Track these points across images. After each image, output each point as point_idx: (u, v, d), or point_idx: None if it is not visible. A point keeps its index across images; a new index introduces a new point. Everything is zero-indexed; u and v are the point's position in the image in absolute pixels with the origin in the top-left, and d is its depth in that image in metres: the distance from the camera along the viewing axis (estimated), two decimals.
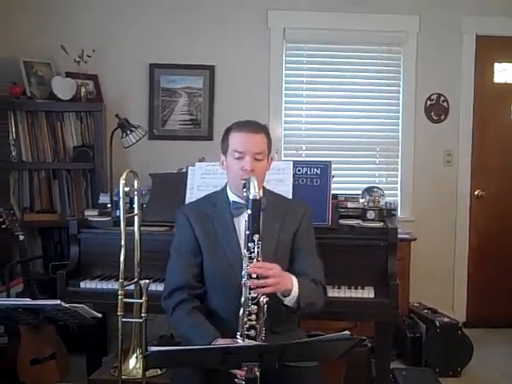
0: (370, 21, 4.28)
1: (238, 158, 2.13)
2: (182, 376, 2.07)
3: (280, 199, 2.33)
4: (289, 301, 2.05)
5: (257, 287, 1.94)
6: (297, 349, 1.81)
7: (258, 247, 1.96)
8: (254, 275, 1.95)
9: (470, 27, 4.36)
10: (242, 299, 1.96)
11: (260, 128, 2.20)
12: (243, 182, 2.08)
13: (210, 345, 1.95)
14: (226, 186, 2.29)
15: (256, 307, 1.95)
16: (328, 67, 4.40)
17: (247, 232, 1.98)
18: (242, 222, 2.17)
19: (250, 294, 1.95)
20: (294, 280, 2.07)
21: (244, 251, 1.99)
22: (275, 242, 2.17)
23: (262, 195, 1.99)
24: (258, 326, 1.95)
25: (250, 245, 1.97)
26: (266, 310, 1.96)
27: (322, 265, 2.27)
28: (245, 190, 2.05)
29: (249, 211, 1.97)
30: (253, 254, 1.96)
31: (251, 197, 1.97)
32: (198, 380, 2.01)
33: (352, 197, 3.31)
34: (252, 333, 1.94)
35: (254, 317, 1.95)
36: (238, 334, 1.96)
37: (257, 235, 1.96)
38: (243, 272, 1.98)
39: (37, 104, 3.90)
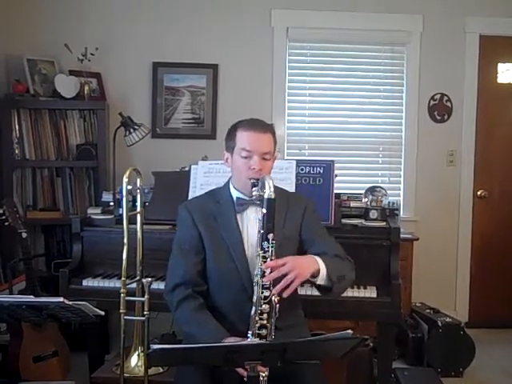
0: (374, 20, 4.27)
1: (246, 157, 2.13)
2: (185, 373, 2.07)
3: (282, 193, 2.29)
4: (320, 279, 2.02)
5: (281, 290, 1.93)
6: (299, 347, 1.81)
7: (272, 246, 1.96)
8: (267, 283, 1.94)
9: (474, 27, 4.36)
10: (255, 298, 1.95)
11: (267, 127, 2.20)
12: (252, 181, 2.09)
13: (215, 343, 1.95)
14: (228, 182, 2.28)
15: (268, 306, 1.94)
16: (331, 66, 4.40)
17: (261, 231, 1.97)
18: (245, 219, 2.19)
19: (262, 293, 1.94)
20: (318, 258, 2.04)
21: (258, 250, 1.98)
22: (280, 238, 2.13)
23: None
24: (268, 324, 1.94)
25: (264, 244, 1.96)
26: (277, 309, 1.95)
27: (339, 244, 2.25)
28: (255, 188, 2.06)
29: (264, 210, 1.98)
30: (267, 254, 1.96)
31: (266, 196, 1.97)
32: (202, 377, 2.01)
33: (355, 196, 3.31)
34: (263, 332, 1.94)
35: (265, 316, 1.94)
36: (250, 332, 1.95)
37: (271, 234, 1.96)
38: (256, 271, 1.97)
39: (40, 102, 3.90)
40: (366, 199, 3.27)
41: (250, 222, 2.17)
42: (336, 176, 2.90)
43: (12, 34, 4.03)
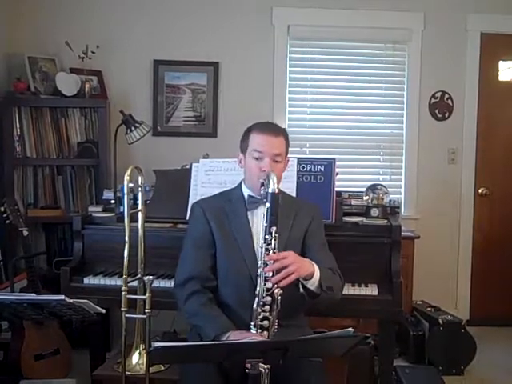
0: (375, 18, 4.26)
1: (257, 159, 2.20)
2: (192, 366, 2.08)
3: (293, 200, 2.43)
4: (312, 284, 2.08)
5: (279, 281, 1.97)
6: (301, 345, 1.82)
7: (275, 239, 2.02)
8: (269, 274, 1.99)
9: (475, 25, 4.35)
10: (257, 290, 2.01)
11: (280, 131, 2.28)
12: (262, 181, 2.14)
13: (221, 337, 2.00)
14: (241, 183, 2.35)
15: (270, 298, 1.99)
16: (332, 64, 4.39)
17: (265, 224, 2.03)
18: (255, 217, 2.26)
19: (265, 285, 2.00)
20: (314, 264, 2.11)
21: (261, 242, 2.03)
22: (286, 238, 2.21)
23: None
24: (271, 317, 2.00)
25: (267, 237, 2.02)
26: (279, 301, 2.00)
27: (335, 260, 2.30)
28: (263, 188, 2.12)
29: (268, 204, 2.03)
30: (270, 246, 2.02)
31: (270, 190, 2.04)
32: (209, 369, 2.02)
33: (356, 194, 3.32)
34: (265, 324, 1.99)
35: (267, 308, 2.00)
36: (252, 324, 2.00)
37: (274, 227, 2.02)
38: (259, 263, 2.03)
39: (41, 100, 3.91)
40: (367, 197, 3.27)
41: (260, 220, 2.20)
42: (337, 174, 2.90)
43: (13, 31, 4.03)
